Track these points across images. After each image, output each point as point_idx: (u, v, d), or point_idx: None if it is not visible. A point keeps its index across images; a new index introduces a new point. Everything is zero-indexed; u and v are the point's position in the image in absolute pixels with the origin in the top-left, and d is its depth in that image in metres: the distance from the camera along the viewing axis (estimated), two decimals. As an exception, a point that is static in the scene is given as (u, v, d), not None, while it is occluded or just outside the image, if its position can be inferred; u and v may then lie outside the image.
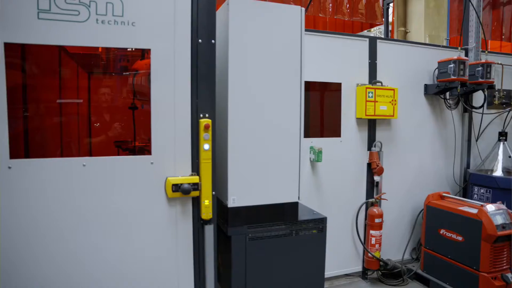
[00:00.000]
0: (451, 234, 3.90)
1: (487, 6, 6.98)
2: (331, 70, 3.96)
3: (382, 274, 4.29)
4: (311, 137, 3.88)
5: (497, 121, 5.09)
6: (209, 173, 2.32)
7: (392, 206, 4.41)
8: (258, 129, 2.51)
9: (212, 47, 2.32)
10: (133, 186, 2.21)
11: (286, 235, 2.60)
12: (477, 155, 4.94)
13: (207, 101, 2.33)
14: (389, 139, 4.33)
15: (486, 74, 4.39)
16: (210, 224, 2.37)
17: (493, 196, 4.29)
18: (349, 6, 6.34)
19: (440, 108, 4.70)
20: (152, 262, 2.28)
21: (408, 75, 4.43)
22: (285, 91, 2.57)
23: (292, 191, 2.63)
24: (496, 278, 3.58)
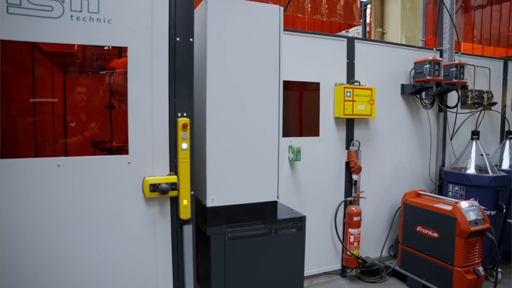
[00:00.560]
0: (427, 230, 3.99)
1: (459, 10, 7.16)
2: (309, 69, 3.99)
3: (361, 272, 4.34)
4: (290, 137, 3.90)
5: (470, 120, 5.23)
6: (187, 173, 2.30)
7: (370, 204, 4.47)
8: (237, 128, 2.50)
9: (190, 46, 2.30)
10: (110, 187, 2.16)
11: (265, 234, 2.60)
12: (452, 154, 5.07)
13: (185, 100, 2.31)
14: (367, 138, 4.39)
15: (460, 74, 4.50)
16: (188, 224, 2.35)
17: (467, 193, 4.41)
18: (328, 7, 6.39)
19: (416, 107, 4.79)
20: (130, 262, 2.25)
21: (385, 75, 4.50)
22: (264, 90, 2.57)
23: (271, 190, 2.64)
24: (468, 272, 3.68)
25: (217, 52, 2.41)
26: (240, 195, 2.55)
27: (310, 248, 3.89)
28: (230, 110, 2.47)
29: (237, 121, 2.49)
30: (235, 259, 2.52)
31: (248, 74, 2.51)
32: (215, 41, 2.39)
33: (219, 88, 2.43)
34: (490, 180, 4.29)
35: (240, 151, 2.52)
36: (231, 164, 2.50)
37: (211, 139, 2.43)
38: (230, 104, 2.47)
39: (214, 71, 2.41)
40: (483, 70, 5.33)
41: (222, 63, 2.43)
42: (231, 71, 2.46)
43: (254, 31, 2.51)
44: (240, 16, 2.46)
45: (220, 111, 2.44)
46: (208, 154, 2.44)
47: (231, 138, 2.48)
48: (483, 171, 4.51)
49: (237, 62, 2.47)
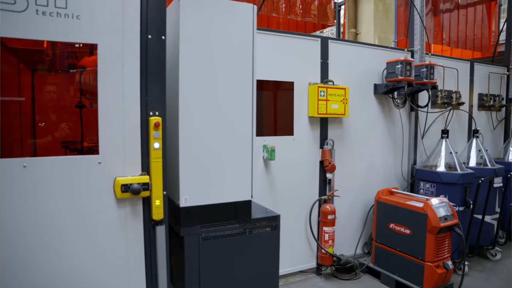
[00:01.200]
0: (400, 227, 4.07)
1: (429, 13, 7.34)
2: (284, 69, 4.01)
3: (336, 269, 4.39)
4: (265, 136, 3.90)
5: (440, 120, 5.37)
6: (160, 173, 2.26)
7: (344, 203, 4.53)
8: (210, 127, 2.48)
9: (162, 43, 2.26)
10: (80, 188, 2.10)
11: (240, 234, 2.59)
12: (423, 152, 5.19)
13: (157, 99, 2.27)
14: (341, 137, 4.44)
15: (430, 75, 4.61)
16: (161, 224, 2.31)
17: (437, 190, 4.52)
18: (302, 7, 6.43)
19: (389, 107, 4.88)
20: (102, 265, 2.19)
21: (358, 75, 4.57)
22: (237, 89, 2.56)
23: (245, 190, 2.63)
24: (438, 267, 3.77)
25: (190, 50, 2.38)
26: (213, 195, 2.53)
27: (285, 247, 3.90)
28: (203, 109, 2.45)
29: (210, 120, 2.47)
30: (209, 259, 2.50)
31: (221, 72, 2.49)
32: (188, 39, 2.37)
33: (192, 87, 2.40)
34: (459, 177, 4.41)
35: (213, 150, 2.50)
36: (204, 164, 2.48)
37: (184, 139, 2.40)
38: (203, 103, 2.45)
39: (186, 70, 2.38)
40: (452, 71, 5.48)
41: (195, 61, 2.40)
42: (204, 70, 2.44)
43: (227, 29, 2.50)
44: (213, 14, 2.44)
45: (193, 110, 2.42)
46: (181, 154, 2.41)
47: (204, 137, 2.46)
48: (452, 169, 4.64)
49: (211, 60, 2.45)
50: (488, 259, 4.95)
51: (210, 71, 2.46)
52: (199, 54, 2.41)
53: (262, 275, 2.71)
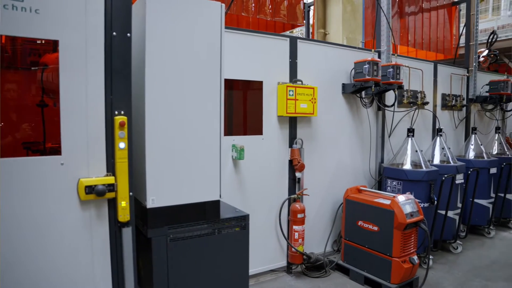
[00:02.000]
0: (368, 225, 4.14)
1: (395, 15, 7.53)
2: (253, 68, 4.00)
3: (306, 267, 4.42)
4: (234, 135, 3.88)
5: (406, 119, 5.51)
6: (126, 173, 2.21)
7: (314, 201, 4.57)
8: (177, 127, 2.44)
9: (127, 41, 2.21)
10: (42, 190, 2.02)
11: (209, 234, 2.57)
12: (390, 150, 5.31)
13: (123, 98, 2.22)
14: (310, 136, 4.48)
15: (396, 75, 4.72)
16: (128, 226, 2.26)
17: (404, 187, 4.64)
18: (272, 7, 6.46)
19: (357, 106, 4.97)
20: (65, 270, 2.11)
21: (327, 75, 4.62)
22: (205, 88, 2.54)
23: (214, 190, 2.61)
24: (405, 262, 3.87)
25: (156, 48, 2.34)
26: (181, 195, 2.49)
27: (256, 246, 3.90)
28: (170, 108, 2.41)
29: (177, 119, 2.44)
30: (178, 260, 2.47)
31: (188, 71, 2.46)
32: (154, 37, 2.32)
33: (159, 86, 2.36)
34: (424, 174, 4.54)
35: (180, 150, 2.46)
36: (171, 164, 2.44)
37: (151, 138, 2.36)
38: (170, 101, 2.41)
39: (153, 68, 2.33)
40: (417, 72, 5.64)
41: (162, 60, 2.36)
42: (171, 68, 2.40)
43: (195, 27, 2.47)
44: (180, 12, 2.40)
45: (160, 109, 2.38)
46: (148, 154, 2.36)
47: (171, 137, 2.42)
48: (417, 166, 4.77)
49: (177, 58, 2.42)
50: (451, 252, 5.13)
51: (177, 69, 2.42)
52: (166, 52, 2.37)
53: (232, 275, 2.70)
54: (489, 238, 5.81)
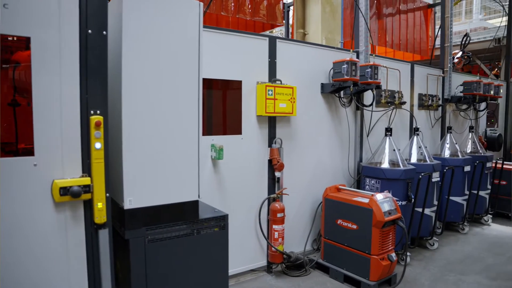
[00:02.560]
0: (347, 223, 4.18)
1: (373, 16, 7.65)
2: (232, 68, 3.99)
3: (286, 267, 4.43)
4: (213, 135, 3.86)
5: (384, 118, 5.60)
6: (102, 174, 2.16)
7: (293, 201, 4.59)
8: (155, 126, 2.41)
9: (103, 39, 2.16)
10: (14, 192, 1.95)
11: (187, 234, 2.54)
12: (368, 149, 5.38)
13: (98, 97, 2.16)
14: (289, 135, 4.49)
15: (374, 75, 4.79)
16: (104, 228, 2.20)
17: (382, 186, 4.71)
18: (251, 7, 6.46)
19: (336, 106, 5.01)
20: (38, 273, 2.05)
21: (306, 74, 4.64)
22: (183, 87, 2.50)
23: (192, 190, 2.58)
24: (383, 259, 3.93)
25: (133, 46, 2.29)
26: (159, 196, 2.46)
27: (236, 246, 3.89)
28: (147, 108, 2.37)
29: (154, 119, 2.40)
30: (157, 262, 2.43)
31: (166, 70, 2.43)
32: (131, 34, 2.28)
33: (136, 85, 2.32)
34: (401, 173, 4.62)
35: (158, 150, 2.43)
36: (149, 164, 2.40)
37: (127, 138, 2.31)
38: (148, 101, 2.37)
39: (130, 67, 2.29)
40: (394, 72, 5.73)
41: (139, 59, 2.32)
42: (148, 67, 2.36)
43: (172, 26, 2.43)
44: (158, 10, 2.37)
45: (137, 108, 2.33)
46: (125, 154, 2.31)
47: (148, 136, 2.39)
48: (395, 165, 4.85)
49: (155, 57, 2.38)
50: (427, 249, 5.24)
51: (155, 68, 2.39)
52: (143, 50, 2.33)
53: (211, 275, 2.67)
54: (463, 234, 5.97)
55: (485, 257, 5.01)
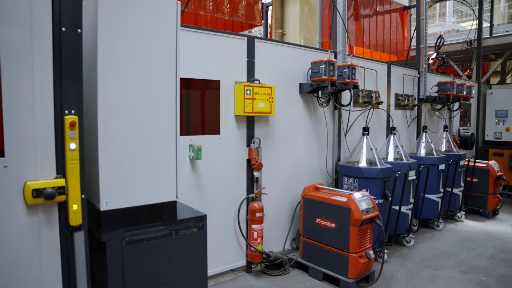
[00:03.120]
0: (326, 222, 4.22)
1: (351, 17, 7.75)
2: (210, 67, 3.97)
3: (266, 266, 4.44)
4: (191, 135, 3.83)
5: (361, 118, 5.68)
6: (77, 175, 2.11)
7: (272, 200, 4.60)
8: (132, 126, 2.37)
9: (78, 37, 2.10)
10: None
11: (166, 235, 2.51)
12: (346, 149, 5.45)
13: (73, 96, 2.11)
14: (267, 135, 4.50)
15: (352, 75, 4.84)
16: (80, 230, 2.15)
17: (359, 184, 4.77)
18: (230, 6, 6.45)
19: (314, 105, 5.05)
20: (10, 280, 1.99)
21: (284, 74, 4.66)
22: (160, 86, 2.47)
23: (170, 190, 2.55)
24: (361, 257, 3.98)
25: (109, 45, 2.25)
26: (137, 197, 2.42)
27: (215, 247, 3.88)
28: (124, 107, 2.33)
29: (131, 118, 2.36)
30: (134, 264, 2.39)
31: (143, 69, 2.39)
32: (107, 33, 2.23)
33: (112, 84, 2.28)
34: (378, 172, 4.70)
35: (135, 151, 2.39)
36: (126, 165, 2.36)
37: (104, 138, 2.27)
38: (124, 100, 2.33)
39: (106, 65, 2.24)
40: (371, 72, 5.82)
41: (115, 57, 2.28)
42: (125, 66, 2.32)
43: (150, 24, 2.40)
44: (135, 8, 2.33)
45: (113, 108, 2.29)
46: (101, 154, 2.27)
47: (125, 137, 2.35)
48: (372, 164, 4.92)
49: (131, 56, 2.34)
50: (404, 246, 5.34)
51: (131, 67, 2.35)
52: (119, 49, 2.29)
53: (190, 276, 2.65)
54: (438, 230, 6.12)
55: (458, 252, 5.16)
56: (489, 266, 4.72)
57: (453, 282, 4.24)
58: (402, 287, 4.12)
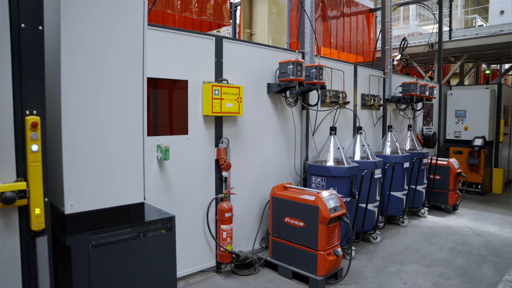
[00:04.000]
0: (294, 221, 4.27)
1: (319, 18, 7.88)
2: (178, 67, 3.93)
3: (235, 266, 4.44)
4: (159, 135, 3.79)
5: (328, 118, 5.77)
6: (39, 178, 2.03)
7: (241, 200, 4.61)
8: (97, 127, 2.31)
9: (39, 35, 2.03)
10: None
11: (133, 238, 2.47)
12: (314, 148, 5.53)
13: (35, 96, 2.03)
14: (236, 135, 4.50)
15: (319, 75, 4.92)
16: (42, 235, 2.07)
17: (327, 183, 4.85)
18: (198, 5, 6.40)
19: (282, 105, 5.10)
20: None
21: (252, 74, 4.68)
22: (127, 86, 2.43)
23: (137, 192, 2.51)
24: (330, 254, 4.05)
25: (72, 43, 2.18)
26: (103, 199, 2.37)
27: (184, 248, 3.85)
28: (89, 107, 2.27)
29: (97, 119, 2.30)
30: (101, 268, 2.33)
31: (108, 68, 2.34)
32: (71, 31, 2.17)
33: (76, 84, 2.21)
34: (345, 170, 4.79)
35: (101, 151, 2.34)
36: (91, 166, 2.30)
37: (68, 139, 2.20)
38: (89, 100, 2.27)
39: (69, 65, 2.18)
40: (338, 73, 5.93)
41: (79, 56, 2.22)
42: (90, 65, 2.26)
43: (115, 23, 2.35)
44: (100, 5, 2.27)
45: (78, 108, 2.23)
46: (65, 156, 2.20)
47: (90, 138, 2.29)
48: (340, 163, 5.02)
49: (96, 55, 2.28)
50: (371, 242, 5.48)
51: (97, 66, 2.29)
52: (83, 48, 2.23)
53: (159, 278, 2.62)
54: (403, 226, 6.31)
55: (421, 247, 5.34)
56: (449, 258, 4.93)
57: (416, 276, 4.40)
58: (369, 282, 4.22)
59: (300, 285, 4.14)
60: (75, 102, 2.22)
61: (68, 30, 2.17)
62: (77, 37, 2.21)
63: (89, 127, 2.29)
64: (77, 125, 2.24)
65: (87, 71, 2.26)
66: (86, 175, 2.29)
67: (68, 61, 2.18)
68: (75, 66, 2.21)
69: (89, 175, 2.30)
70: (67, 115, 2.20)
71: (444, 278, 4.36)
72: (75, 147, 2.24)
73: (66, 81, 2.18)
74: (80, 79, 2.23)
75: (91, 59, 2.27)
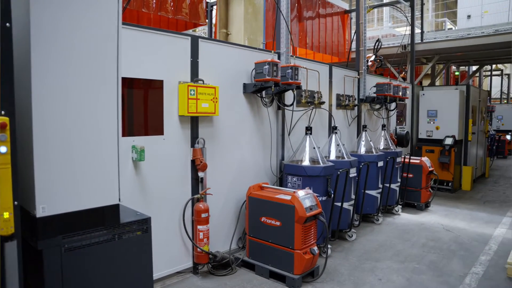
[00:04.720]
0: (271, 220, 4.30)
1: (294, 19, 7.94)
2: (153, 67, 3.89)
3: (213, 267, 4.43)
4: (134, 136, 3.74)
5: (304, 118, 5.83)
6: (8, 180, 1.97)
7: (217, 200, 4.60)
8: (70, 127, 2.27)
9: (7, 32, 1.97)
10: None
11: (108, 240, 2.42)
12: (290, 148, 5.57)
13: (3, 96, 1.98)
14: (212, 135, 4.49)
15: (295, 76, 4.96)
16: (12, 240, 2.01)
17: (303, 183, 4.90)
18: (173, 4, 6.34)
19: (258, 105, 5.11)
20: None
21: (228, 74, 4.68)
22: (100, 86, 2.39)
23: (112, 193, 2.48)
24: (306, 253, 4.10)
25: (43, 42, 2.13)
26: (76, 201, 2.32)
27: (160, 249, 3.81)
28: (61, 108, 2.22)
29: (69, 119, 2.26)
30: (75, 272, 2.28)
31: (82, 68, 2.30)
32: (41, 29, 2.11)
33: (47, 83, 2.16)
34: (321, 170, 4.86)
35: (74, 153, 2.29)
36: (64, 168, 2.25)
37: (39, 140, 2.15)
38: (61, 100, 2.22)
39: (40, 64, 2.13)
40: (314, 73, 6.00)
41: (50, 55, 2.17)
42: (62, 64, 2.21)
43: (88, 21, 2.31)
44: (72, 3, 2.23)
45: (50, 108, 2.18)
46: (36, 158, 2.15)
47: (62, 139, 2.24)
48: (315, 163, 5.08)
49: (69, 54, 2.24)
50: (346, 240, 5.58)
51: (69, 66, 2.24)
52: (55, 46, 2.18)
53: (135, 281, 2.59)
54: (377, 224, 6.45)
55: (395, 243, 5.47)
56: (421, 254, 5.08)
57: (390, 272, 4.50)
58: (345, 279, 4.30)
59: (277, 284, 4.17)
60: (47, 102, 2.18)
61: (39, 27, 2.12)
62: (48, 35, 2.16)
63: (62, 128, 2.24)
64: (49, 125, 2.19)
65: (59, 71, 2.22)
66: (59, 177, 2.24)
67: (39, 59, 2.13)
68: (45, 66, 2.16)
69: (61, 177, 2.25)
70: (38, 116, 2.15)
71: (417, 273, 4.49)
72: (47, 149, 2.19)
73: (36, 81, 2.13)
74: (52, 79, 2.19)
75: (62, 59, 2.23)
